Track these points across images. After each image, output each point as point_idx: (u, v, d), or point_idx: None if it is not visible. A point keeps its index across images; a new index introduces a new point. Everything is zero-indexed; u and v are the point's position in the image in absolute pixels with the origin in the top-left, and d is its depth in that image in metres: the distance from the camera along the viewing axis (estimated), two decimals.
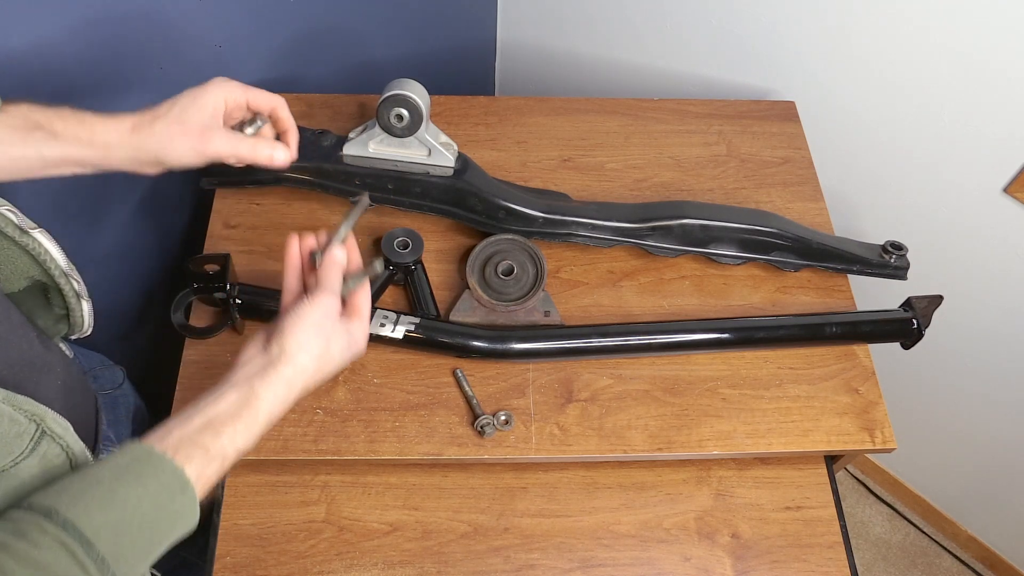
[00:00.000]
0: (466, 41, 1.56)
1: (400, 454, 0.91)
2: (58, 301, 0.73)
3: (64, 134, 0.66)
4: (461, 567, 0.92)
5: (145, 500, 0.53)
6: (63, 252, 0.69)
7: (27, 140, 0.65)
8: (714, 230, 1.03)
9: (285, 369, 0.64)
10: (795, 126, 1.23)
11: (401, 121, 0.96)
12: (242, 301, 0.94)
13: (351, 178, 1.02)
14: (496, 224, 1.02)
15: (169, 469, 0.55)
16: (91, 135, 0.67)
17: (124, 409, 1.00)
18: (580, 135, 1.19)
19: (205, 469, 0.57)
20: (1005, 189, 1.15)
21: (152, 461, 0.55)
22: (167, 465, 0.55)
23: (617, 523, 0.95)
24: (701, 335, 0.98)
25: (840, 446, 0.95)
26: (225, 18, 1.11)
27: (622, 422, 0.95)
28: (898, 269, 1.05)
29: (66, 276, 0.71)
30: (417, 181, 1.02)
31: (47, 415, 0.57)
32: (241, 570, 0.90)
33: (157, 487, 0.54)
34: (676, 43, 1.37)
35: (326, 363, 0.67)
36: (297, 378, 0.65)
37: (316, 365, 0.66)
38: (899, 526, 1.82)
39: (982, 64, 1.06)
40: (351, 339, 0.69)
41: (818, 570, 0.94)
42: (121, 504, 0.52)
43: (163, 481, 0.54)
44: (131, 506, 0.52)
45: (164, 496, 0.54)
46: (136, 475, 0.54)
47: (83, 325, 0.75)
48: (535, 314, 0.98)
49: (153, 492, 0.53)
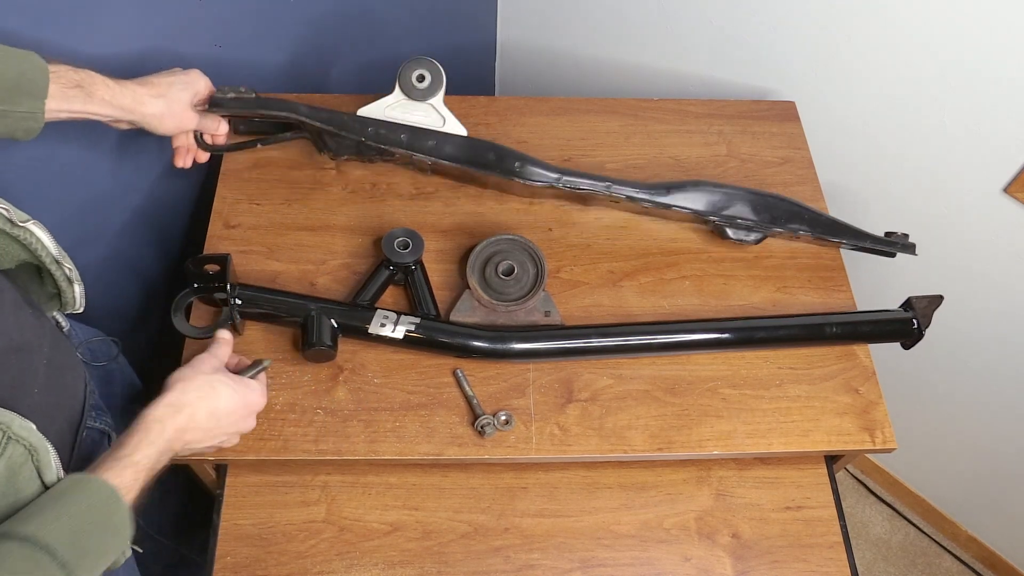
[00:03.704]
0: (466, 41, 1.56)
1: (400, 454, 0.91)
2: (50, 282, 0.77)
3: (95, 95, 0.83)
4: (461, 567, 0.92)
5: (86, 511, 0.63)
6: (54, 240, 0.74)
7: (66, 97, 0.81)
8: (730, 192, 1.04)
9: (167, 395, 0.76)
10: (795, 126, 1.23)
11: (422, 82, 1.01)
12: (242, 301, 0.94)
13: (364, 126, 1.03)
14: (511, 173, 1.02)
15: (98, 484, 0.65)
16: (113, 98, 0.85)
17: (120, 383, 1.01)
18: (580, 135, 1.19)
19: (120, 476, 0.67)
20: (1005, 189, 1.15)
21: (84, 481, 0.65)
22: (96, 482, 0.65)
23: (617, 523, 0.95)
24: (701, 335, 0.98)
25: (840, 446, 0.95)
26: (225, 18, 1.11)
27: (622, 422, 0.95)
28: (906, 247, 1.05)
29: (57, 263, 0.75)
30: (431, 135, 1.04)
31: (13, 422, 0.63)
32: (241, 570, 0.90)
33: (94, 498, 0.64)
34: (676, 43, 1.37)
35: (212, 396, 0.78)
36: (181, 400, 0.76)
37: (199, 395, 0.77)
38: (899, 526, 1.81)
39: (982, 65, 1.06)
40: (242, 388, 0.82)
41: (818, 570, 0.94)
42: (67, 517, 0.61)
43: (98, 493, 0.65)
44: (77, 517, 0.62)
45: (100, 505, 0.64)
46: (74, 494, 0.64)
47: (75, 304, 0.80)
48: (535, 314, 0.98)
49: (92, 503, 0.64)
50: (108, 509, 0.65)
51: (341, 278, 1.03)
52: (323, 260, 1.04)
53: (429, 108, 1.03)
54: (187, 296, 0.96)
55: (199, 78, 0.96)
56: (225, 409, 0.80)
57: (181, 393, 0.76)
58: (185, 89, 0.94)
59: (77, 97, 0.82)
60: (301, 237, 1.06)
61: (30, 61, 0.78)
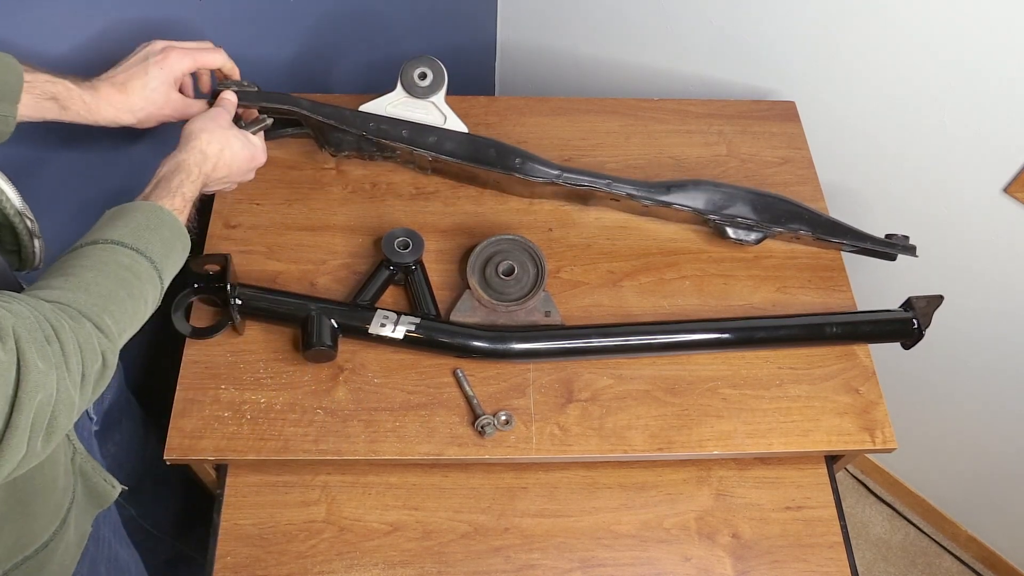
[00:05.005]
0: (466, 41, 1.56)
1: (401, 454, 0.91)
2: (9, 238, 0.77)
3: (70, 109, 0.83)
4: (461, 567, 0.92)
5: (141, 220, 0.73)
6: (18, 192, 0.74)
7: (40, 107, 0.81)
8: (730, 191, 1.04)
9: (196, 143, 0.85)
10: (795, 126, 1.23)
11: (424, 79, 1.02)
12: (242, 301, 0.94)
13: (366, 121, 1.03)
14: (512, 169, 1.02)
15: (148, 205, 0.76)
16: (89, 114, 0.85)
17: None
18: (580, 135, 1.19)
19: (174, 204, 0.78)
20: (1005, 189, 1.15)
21: (132, 206, 0.75)
22: (145, 204, 0.76)
23: (617, 523, 0.95)
24: (701, 335, 0.98)
25: (840, 446, 0.95)
26: (225, 19, 1.11)
27: (622, 422, 0.95)
28: (907, 248, 1.05)
29: (20, 215, 0.75)
30: (433, 131, 1.04)
31: None
32: (241, 570, 0.90)
33: (146, 212, 0.74)
34: (676, 43, 1.37)
35: (228, 148, 0.89)
36: (206, 151, 0.86)
37: (219, 146, 0.87)
38: (899, 526, 1.81)
39: (982, 65, 1.06)
40: (249, 142, 0.93)
41: (818, 570, 0.94)
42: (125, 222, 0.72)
43: (148, 210, 0.75)
44: (137, 221, 0.73)
45: (153, 217, 0.74)
46: (125, 212, 0.74)
47: (34, 261, 0.80)
48: (535, 314, 0.98)
49: (144, 216, 0.74)
50: (174, 225, 0.76)
51: (341, 278, 1.03)
52: (323, 260, 1.04)
53: (430, 106, 1.03)
54: (187, 296, 0.96)
55: (176, 61, 0.90)
56: (237, 161, 0.90)
57: (207, 144, 0.86)
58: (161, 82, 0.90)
59: (51, 109, 0.82)
60: (301, 237, 1.06)
61: (4, 63, 0.77)
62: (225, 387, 0.94)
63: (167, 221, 0.75)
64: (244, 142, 0.91)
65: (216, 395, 0.93)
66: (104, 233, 0.70)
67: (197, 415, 0.92)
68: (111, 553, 0.92)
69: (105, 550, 0.90)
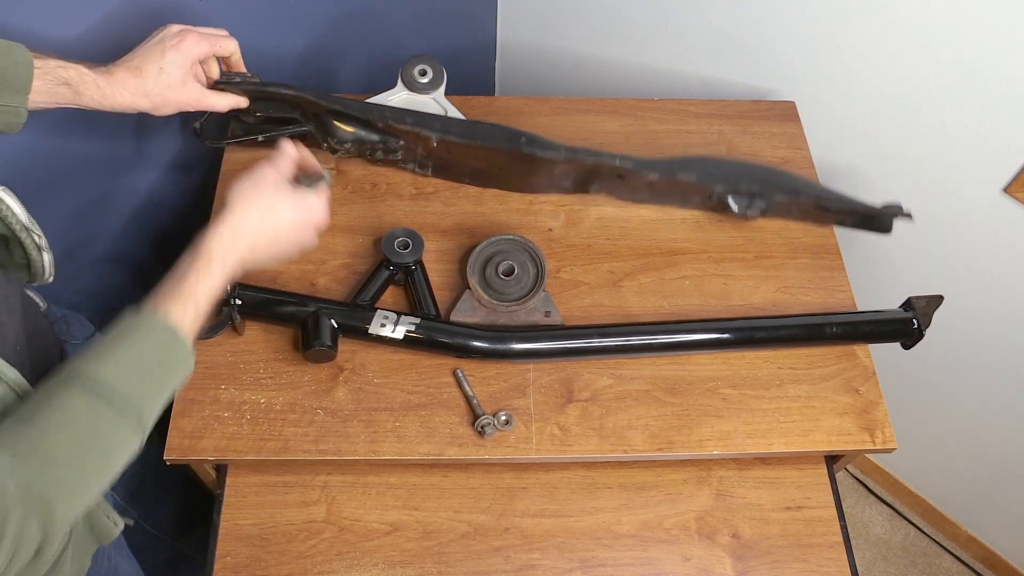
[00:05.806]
0: (466, 41, 1.56)
1: (401, 454, 0.91)
2: (19, 252, 0.76)
3: (84, 95, 0.80)
4: (461, 567, 0.92)
5: (144, 348, 0.65)
6: (24, 207, 0.74)
7: (53, 93, 0.79)
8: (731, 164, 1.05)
9: (229, 219, 0.74)
10: (795, 126, 1.23)
11: (424, 76, 1.04)
12: (242, 301, 0.94)
13: (371, 108, 1.03)
14: (518, 146, 1.02)
15: (155, 323, 0.66)
16: (103, 97, 0.81)
17: None
18: (580, 135, 1.19)
19: (184, 315, 0.68)
20: (1005, 189, 1.15)
21: (140, 322, 0.66)
22: (153, 320, 0.66)
23: (617, 523, 0.96)
24: (701, 335, 0.98)
25: (840, 446, 0.95)
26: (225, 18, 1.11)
27: (622, 422, 0.95)
28: (901, 214, 1.05)
29: (27, 230, 0.75)
30: (438, 117, 1.04)
31: None
32: (241, 570, 0.90)
33: (152, 337, 0.66)
34: (676, 43, 1.37)
35: (273, 218, 0.77)
36: (242, 227, 0.74)
37: (260, 217, 0.76)
38: (899, 526, 1.81)
39: (982, 65, 1.06)
40: (304, 204, 0.79)
41: (818, 570, 0.94)
42: (125, 356, 0.64)
43: (155, 332, 0.66)
44: (135, 355, 0.64)
45: (159, 343, 0.66)
46: (130, 333, 0.65)
47: (44, 274, 0.79)
48: (535, 314, 0.98)
49: (150, 342, 0.65)
50: (178, 353, 0.67)
51: (341, 278, 1.03)
52: (323, 260, 1.04)
53: (431, 102, 1.04)
54: None
55: (193, 45, 0.87)
56: (286, 230, 0.78)
57: (243, 216, 0.74)
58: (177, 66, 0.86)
59: (65, 95, 0.79)
60: None
61: (13, 54, 0.75)
62: (225, 387, 0.94)
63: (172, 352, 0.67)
64: (295, 205, 0.78)
65: (216, 395, 0.93)
66: (97, 368, 0.62)
67: (197, 415, 0.92)
68: (111, 566, 0.91)
69: (105, 563, 0.89)
